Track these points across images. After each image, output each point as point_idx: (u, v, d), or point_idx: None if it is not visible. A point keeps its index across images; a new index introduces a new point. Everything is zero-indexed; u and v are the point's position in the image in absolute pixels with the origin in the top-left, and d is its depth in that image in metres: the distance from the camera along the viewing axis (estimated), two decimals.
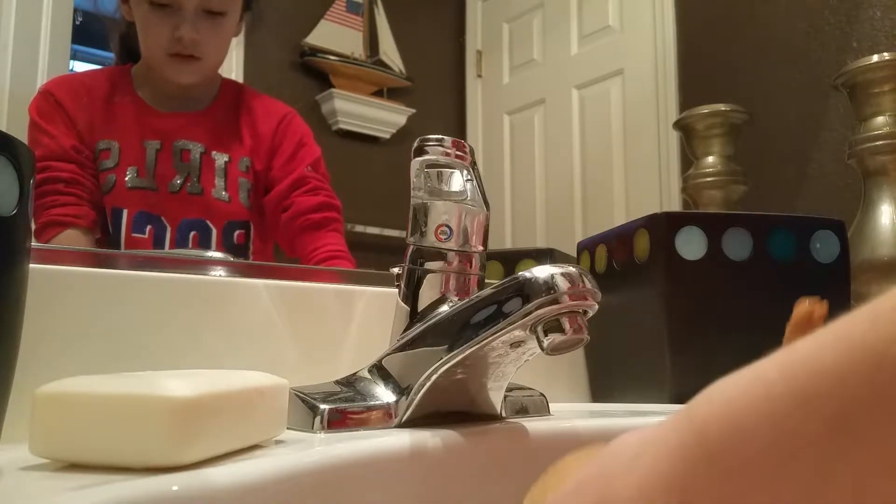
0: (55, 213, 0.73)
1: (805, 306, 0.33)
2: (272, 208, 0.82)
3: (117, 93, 0.80)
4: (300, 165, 0.84)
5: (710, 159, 0.98)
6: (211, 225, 0.78)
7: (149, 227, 0.76)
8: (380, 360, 0.44)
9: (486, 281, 0.45)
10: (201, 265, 0.58)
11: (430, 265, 0.44)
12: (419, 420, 0.41)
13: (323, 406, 0.40)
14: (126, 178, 0.76)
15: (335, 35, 1.33)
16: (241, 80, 1.09)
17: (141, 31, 0.80)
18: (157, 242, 0.77)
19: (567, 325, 0.36)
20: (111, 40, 0.87)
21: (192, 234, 0.78)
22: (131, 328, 0.44)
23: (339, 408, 0.40)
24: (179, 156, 0.78)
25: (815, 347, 0.14)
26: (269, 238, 0.84)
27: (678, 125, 1.04)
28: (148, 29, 0.79)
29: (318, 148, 0.88)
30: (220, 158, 0.80)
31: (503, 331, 0.37)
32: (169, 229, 0.76)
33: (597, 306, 0.38)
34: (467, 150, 0.43)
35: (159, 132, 0.79)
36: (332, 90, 1.30)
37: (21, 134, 0.79)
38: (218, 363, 0.47)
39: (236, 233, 0.80)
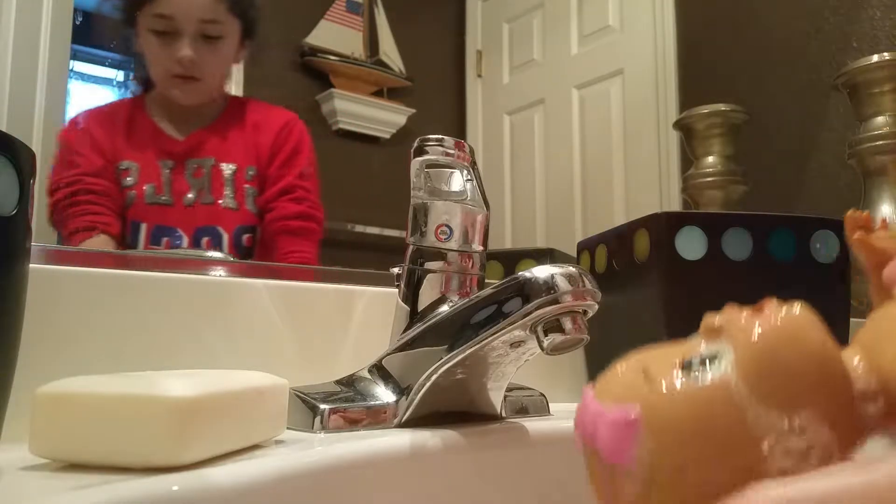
0: (88, 220, 0.80)
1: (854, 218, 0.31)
2: (259, 209, 0.89)
3: (135, 119, 0.88)
4: (292, 172, 0.91)
5: (710, 159, 0.98)
6: (222, 230, 0.85)
7: (165, 240, 0.82)
8: (380, 360, 0.44)
9: (486, 281, 0.45)
10: (201, 265, 0.58)
11: (430, 265, 0.44)
12: (419, 420, 0.41)
13: (323, 406, 0.40)
14: (144, 194, 0.83)
15: (335, 35, 1.33)
16: (241, 80, 1.09)
17: (147, 58, 0.88)
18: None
19: (567, 325, 0.36)
20: (136, 75, 0.95)
21: (206, 239, 0.84)
22: (131, 328, 0.44)
23: (339, 408, 0.40)
24: (192, 172, 0.85)
25: None
26: None
27: (678, 125, 1.04)
28: (152, 55, 0.88)
29: (314, 156, 0.95)
30: (228, 169, 0.87)
31: (503, 331, 0.37)
32: (185, 238, 0.83)
33: (597, 306, 0.38)
34: (467, 150, 0.43)
35: (173, 153, 0.86)
36: (332, 90, 1.30)
37: (21, 135, 0.79)
38: (218, 363, 0.47)
39: (245, 236, 0.86)
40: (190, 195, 0.84)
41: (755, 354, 0.20)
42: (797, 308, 0.21)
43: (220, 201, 0.85)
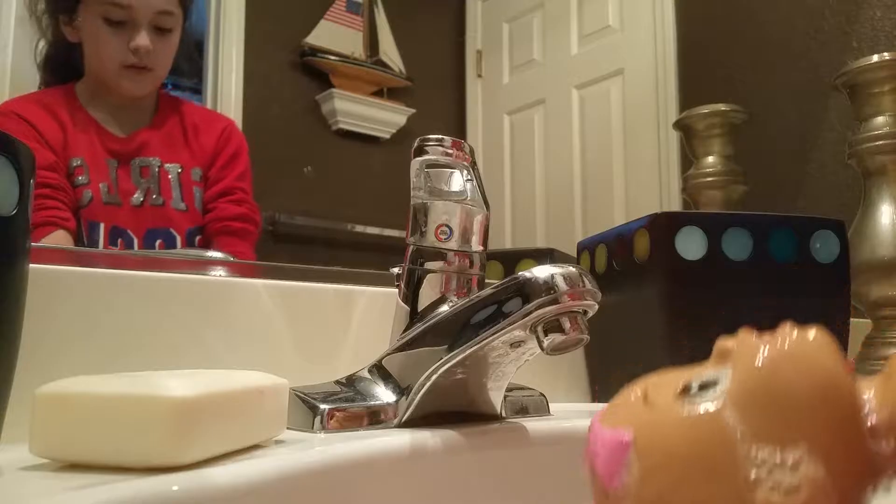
0: (46, 215, 0.77)
1: None
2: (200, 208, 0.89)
3: (74, 113, 0.84)
4: (231, 174, 0.91)
5: (710, 159, 0.98)
6: (174, 233, 0.85)
7: (119, 240, 0.81)
8: (380, 360, 0.44)
9: (486, 281, 0.45)
10: (201, 265, 0.58)
11: (430, 265, 0.44)
12: (419, 420, 0.41)
13: (323, 406, 0.40)
14: (101, 193, 0.81)
15: (335, 35, 1.33)
16: (241, 80, 1.09)
17: (93, 48, 0.85)
18: None
19: (567, 325, 0.36)
20: (58, 63, 0.90)
21: (158, 242, 0.83)
22: (131, 328, 0.44)
23: (339, 408, 0.40)
24: (139, 172, 0.84)
25: None
26: None
27: (678, 125, 1.04)
28: (103, 44, 0.85)
29: (248, 160, 0.96)
30: (174, 170, 0.86)
31: (503, 331, 0.37)
32: (136, 241, 0.82)
33: (597, 306, 0.38)
34: (467, 150, 0.43)
35: (116, 152, 0.84)
36: (332, 90, 1.30)
37: None
38: (218, 363, 0.47)
39: (197, 238, 0.86)
40: (137, 195, 0.83)
41: (751, 382, 0.19)
42: (811, 333, 0.19)
43: (170, 203, 0.85)
